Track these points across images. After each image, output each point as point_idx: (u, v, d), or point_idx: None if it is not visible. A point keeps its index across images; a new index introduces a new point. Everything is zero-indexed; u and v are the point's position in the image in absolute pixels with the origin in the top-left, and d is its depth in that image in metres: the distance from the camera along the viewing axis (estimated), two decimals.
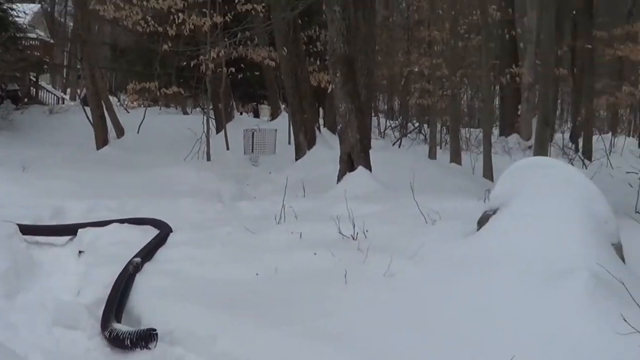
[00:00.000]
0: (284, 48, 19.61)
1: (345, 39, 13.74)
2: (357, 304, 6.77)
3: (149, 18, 21.91)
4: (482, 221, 7.98)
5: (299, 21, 21.62)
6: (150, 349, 6.34)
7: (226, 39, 21.75)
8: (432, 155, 24.08)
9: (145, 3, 20.93)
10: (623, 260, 7.25)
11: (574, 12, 35.14)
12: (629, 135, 43.95)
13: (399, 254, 7.65)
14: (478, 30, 24.60)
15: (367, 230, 8.78)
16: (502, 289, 6.42)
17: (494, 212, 7.87)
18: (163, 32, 21.73)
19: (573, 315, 5.76)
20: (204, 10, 21.13)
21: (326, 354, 5.78)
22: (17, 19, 31.47)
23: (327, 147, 18.67)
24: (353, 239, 8.71)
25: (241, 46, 23.51)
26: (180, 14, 20.73)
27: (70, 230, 10.62)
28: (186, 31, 21.10)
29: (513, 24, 34.45)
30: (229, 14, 21.76)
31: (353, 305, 6.75)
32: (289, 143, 21.82)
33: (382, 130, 36.93)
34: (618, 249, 7.33)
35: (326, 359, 5.72)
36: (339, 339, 5.99)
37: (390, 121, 41.20)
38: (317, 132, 20.35)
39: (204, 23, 20.68)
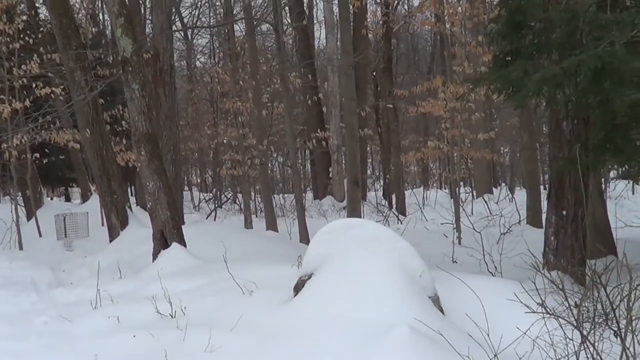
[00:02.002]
0: (87, 129, 19.36)
1: (146, 116, 13.71)
2: None
3: None
4: (298, 287, 8.07)
5: (101, 101, 21.45)
6: None
7: (28, 124, 21.40)
8: (248, 224, 24.13)
9: None
10: (442, 311, 7.43)
11: (374, 73, 36.10)
12: (440, 188, 45.19)
13: (219, 327, 7.68)
14: (281, 98, 24.94)
15: (184, 307, 8.78)
16: (323, 353, 6.50)
17: (309, 277, 7.98)
18: None
19: None
20: (2, 97, 20.72)
21: None
22: None
23: (141, 226, 18.49)
24: (171, 317, 8.68)
25: (44, 130, 23.12)
26: None
27: None
28: None
29: (316, 89, 35.03)
30: (28, 99, 21.38)
31: None
32: (102, 225, 21.52)
33: (196, 204, 36.90)
34: (435, 301, 7.52)
35: None
36: None
37: (204, 193, 41.23)
38: (129, 211, 20.13)
39: (3, 110, 20.26)
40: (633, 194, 33.71)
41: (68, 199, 37.59)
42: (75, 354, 8.04)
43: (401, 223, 25.14)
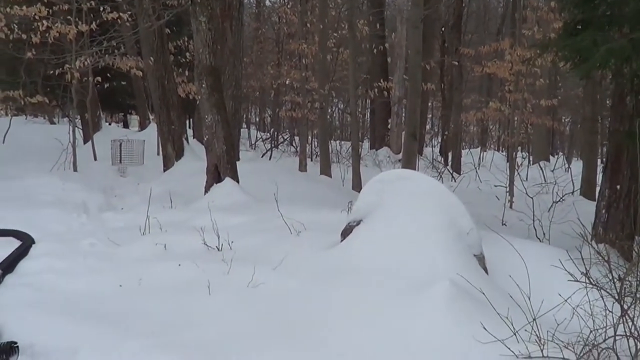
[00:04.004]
0: (151, 58, 19.44)
1: (211, 50, 13.73)
2: (220, 314, 6.77)
3: (14, 25, 21.50)
4: (346, 232, 8.07)
5: (168, 31, 21.50)
6: None
7: (93, 48, 21.50)
8: (302, 167, 24.10)
9: (8, 10, 20.54)
10: (486, 270, 7.39)
11: (443, 29, 35.75)
12: (497, 150, 44.83)
13: (263, 264, 7.69)
14: (347, 45, 24.80)
15: (232, 242, 8.83)
16: (364, 298, 6.50)
17: (358, 223, 7.96)
18: (27, 40, 21.32)
19: (434, 324, 5.86)
20: (69, 18, 20.80)
21: None
22: None
23: (195, 159, 18.58)
24: (218, 250, 8.74)
25: (107, 55, 23.21)
26: (44, 21, 20.36)
27: None
28: (51, 39, 20.72)
29: (383, 39, 34.79)
30: (94, 23, 21.44)
31: (216, 316, 6.75)
32: (158, 154, 21.65)
33: (252, 142, 36.94)
34: (480, 259, 7.47)
35: None
36: (202, 350, 5.99)
37: (262, 133, 41.24)
38: (185, 143, 20.22)
39: (69, 31, 20.34)
40: None
41: (126, 126, 37.79)
42: (119, 277, 8.11)
43: (455, 181, 25.03)
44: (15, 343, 6.33)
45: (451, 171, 29.38)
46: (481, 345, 5.51)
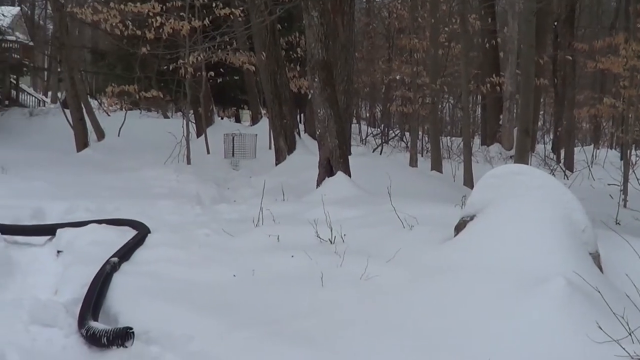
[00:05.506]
0: (263, 53, 19.63)
1: (323, 44, 13.77)
2: (332, 306, 6.78)
3: (128, 22, 21.91)
4: (459, 227, 8.01)
5: (279, 26, 21.67)
6: (126, 347, 6.32)
7: (205, 43, 21.78)
8: (413, 162, 24.04)
9: (123, 6, 20.95)
10: (601, 269, 7.27)
11: (556, 23, 35.25)
12: (611, 148, 43.99)
13: (376, 258, 7.68)
14: (459, 39, 24.67)
15: (344, 234, 8.82)
16: (478, 295, 6.44)
17: (471, 218, 7.90)
18: (142, 36, 21.71)
19: (548, 323, 5.76)
20: (182, 14, 21.12)
21: (300, 355, 5.80)
22: None
23: (307, 153, 18.68)
24: (330, 242, 8.76)
25: (220, 50, 23.49)
26: (158, 18, 20.71)
27: (49, 230, 10.62)
28: (165, 35, 21.06)
29: (495, 33, 34.52)
30: (207, 18, 21.72)
31: (328, 307, 6.76)
32: (270, 148, 21.86)
33: (363, 137, 36.98)
34: (595, 258, 7.34)
35: None
36: (314, 341, 6.01)
37: (372, 128, 41.27)
38: (297, 137, 20.38)
39: (182, 27, 20.65)
40: None
41: (238, 120, 38.21)
42: (233, 266, 8.19)
43: (567, 178, 24.67)
44: (131, 329, 6.43)
45: (563, 168, 29.00)
46: (596, 344, 5.42)
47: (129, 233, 10.15)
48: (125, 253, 8.85)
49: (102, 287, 7.51)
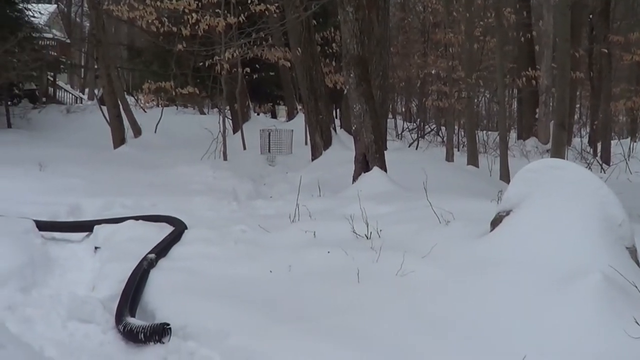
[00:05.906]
0: (298, 48, 19.68)
1: (358, 40, 13.76)
2: (369, 302, 6.79)
3: (164, 18, 22.02)
4: (495, 222, 7.97)
5: (314, 22, 21.67)
6: (163, 343, 6.36)
7: (241, 40, 21.83)
8: (449, 157, 24.01)
9: (159, 4, 21.03)
10: (638, 264, 7.22)
11: (591, 16, 35.04)
12: None
13: (412, 253, 7.65)
14: (494, 33, 24.59)
15: (380, 230, 8.82)
16: (514, 290, 6.42)
17: (507, 213, 7.86)
18: (178, 33, 21.79)
19: (585, 318, 5.74)
20: (218, 10, 21.17)
21: (338, 351, 5.81)
22: (32, 18, 31.55)
23: (343, 148, 18.68)
24: (367, 238, 8.75)
25: (256, 47, 23.55)
26: (194, 14, 20.79)
27: (86, 226, 10.71)
28: (200, 31, 21.15)
29: (530, 27, 34.35)
30: (242, 15, 21.76)
31: (365, 303, 6.77)
32: (306, 143, 21.87)
33: (399, 132, 36.93)
34: (632, 252, 7.28)
35: (335, 356, 5.75)
36: (350, 337, 6.02)
37: (408, 123, 41.19)
38: (333, 132, 20.38)
39: (218, 23, 20.71)
40: None
41: (274, 116, 38.22)
42: (270, 262, 8.21)
43: (604, 172, 24.54)
44: (168, 324, 6.47)
45: (600, 162, 28.83)
46: (633, 339, 5.39)
47: (166, 229, 10.19)
48: (162, 249, 8.89)
49: (139, 283, 7.55)
